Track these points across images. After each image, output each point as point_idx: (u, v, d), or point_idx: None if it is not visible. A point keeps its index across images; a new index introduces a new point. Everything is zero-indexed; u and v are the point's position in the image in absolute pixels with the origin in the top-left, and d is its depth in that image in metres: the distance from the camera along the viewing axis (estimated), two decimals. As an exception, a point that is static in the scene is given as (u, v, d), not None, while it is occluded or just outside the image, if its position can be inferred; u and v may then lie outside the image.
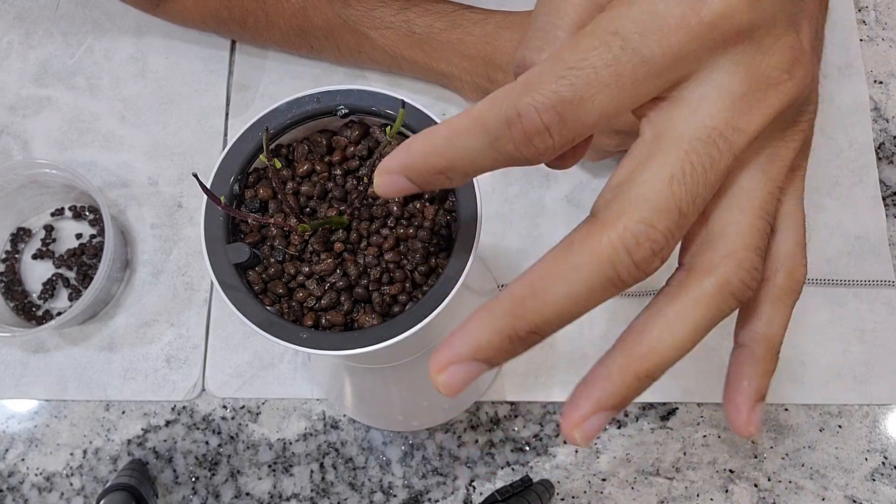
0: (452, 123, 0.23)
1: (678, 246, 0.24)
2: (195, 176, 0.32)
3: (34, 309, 0.63)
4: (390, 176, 0.25)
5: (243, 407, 0.60)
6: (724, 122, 0.23)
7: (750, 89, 0.23)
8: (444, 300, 0.33)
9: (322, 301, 0.36)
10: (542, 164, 0.25)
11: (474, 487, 0.57)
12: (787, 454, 0.57)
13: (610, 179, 0.23)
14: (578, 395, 0.24)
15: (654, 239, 0.22)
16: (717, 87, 0.23)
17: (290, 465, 0.58)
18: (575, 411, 0.23)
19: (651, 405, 0.58)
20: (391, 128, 0.33)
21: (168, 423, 0.60)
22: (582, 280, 0.22)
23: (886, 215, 0.60)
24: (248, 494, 0.58)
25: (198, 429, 0.60)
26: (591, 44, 0.22)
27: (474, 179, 0.35)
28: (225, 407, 0.60)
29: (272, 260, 0.36)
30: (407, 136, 0.38)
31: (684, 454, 0.57)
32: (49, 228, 0.64)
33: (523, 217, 0.62)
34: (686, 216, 0.22)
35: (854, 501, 0.56)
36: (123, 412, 0.60)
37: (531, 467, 0.57)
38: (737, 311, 0.26)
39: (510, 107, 0.22)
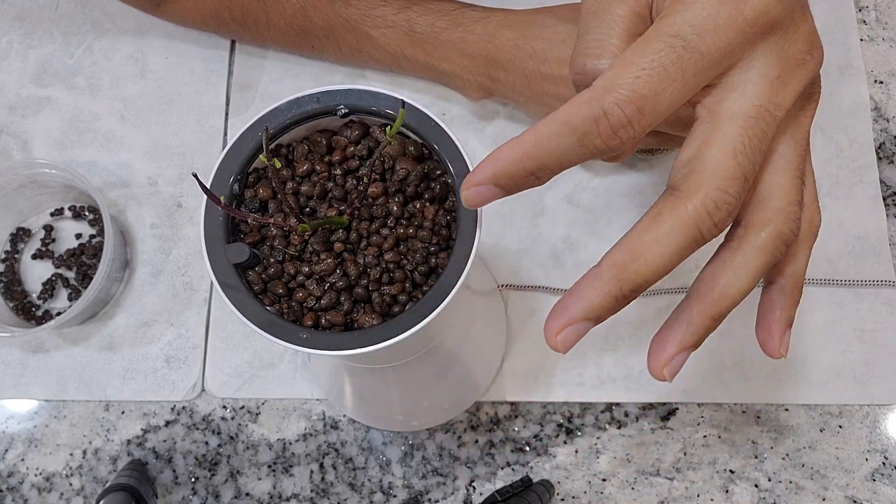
0: (538, 129, 0.27)
1: None
2: (195, 176, 0.32)
3: (34, 309, 0.63)
4: (479, 187, 0.28)
5: (243, 407, 0.60)
6: (768, 99, 0.27)
7: (783, 71, 0.28)
8: (444, 300, 0.33)
9: (322, 301, 0.36)
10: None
11: (474, 488, 0.57)
12: (787, 454, 0.57)
13: (679, 157, 0.28)
14: (663, 340, 0.28)
15: (728, 202, 0.26)
16: (758, 72, 0.28)
17: (290, 466, 0.58)
18: (662, 353, 0.28)
19: (651, 405, 0.58)
20: (391, 127, 0.33)
21: (168, 423, 0.60)
22: (673, 242, 0.27)
23: (887, 215, 0.60)
24: (247, 495, 0.58)
25: (197, 429, 0.60)
26: (658, 46, 0.26)
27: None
28: (225, 407, 0.60)
29: (272, 260, 0.36)
30: (407, 136, 0.38)
31: (684, 454, 0.57)
32: (48, 228, 0.64)
33: (523, 217, 0.62)
34: (748, 180, 0.27)
35: (854, 502, 0.56)
36: (123, 412, 0.60)
37: (531, 467, 0.57)
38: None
39: (596, 106, 0.26)
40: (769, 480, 0.56)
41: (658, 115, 0.26)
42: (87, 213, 0.64)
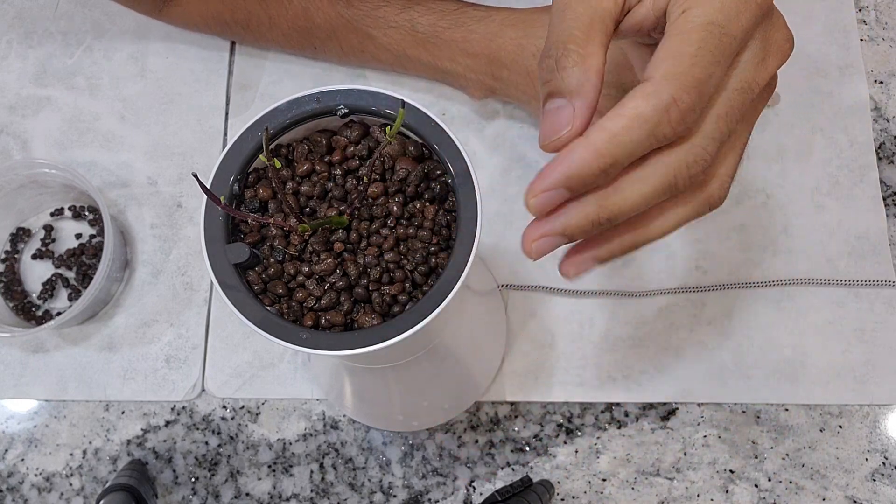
0: (608, 127, 0.28)
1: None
2: (195, 176, 0.32)
3: (34, 309, 0.63)
4: (548, 193, 0.30)
5: (243, 407, 0.60)
6: (752, 78, 0.31)
7: (767, 54, 0.31)
8: (444, 300, 0.33)
9: (322, 301, 0.36)
10: (539, 164, 0.30)
11: (474, 488, 0.57)
12: (787, 454, 0.57)
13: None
14: (542, 223, 0.31)
15: (704, 159, 0.30)
16: (752, 52, 0.31)
17: (290, 466, 0.58)
18: (534, 231, 0.31)
19: (651, 405, 0.58)
20: (391, 127, 0.33)
21: (168, 423, 0.60)
22: (652, 185, 0.29)
23: (886, 215, 0.60)
24: (247, 495, 0.58)
25: (197, 429, 0.60)
26: (700, 35, 0.29)
27: (474, 179, 0.35)
28: (225, 407, 0.60)
29: (272, 260, 0.36)
30: (407, 136, 0.38)
31: (684, 454, 0.57)
32: (49, 228, 0.64)
33: (523, 217, 0.61)
34: (721, 143, 0.30)
35: (854, 502, 0.56)
36: (123, 412, 0.60)
37: (531, 467, 0.57)
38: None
39: (665, 94, 0.28)
40: (769, 480, 0.56)
41: (708, 96, 0.29)
42: (87, 213, 0.64)
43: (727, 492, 0.56)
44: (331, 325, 0.36)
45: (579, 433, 0.58)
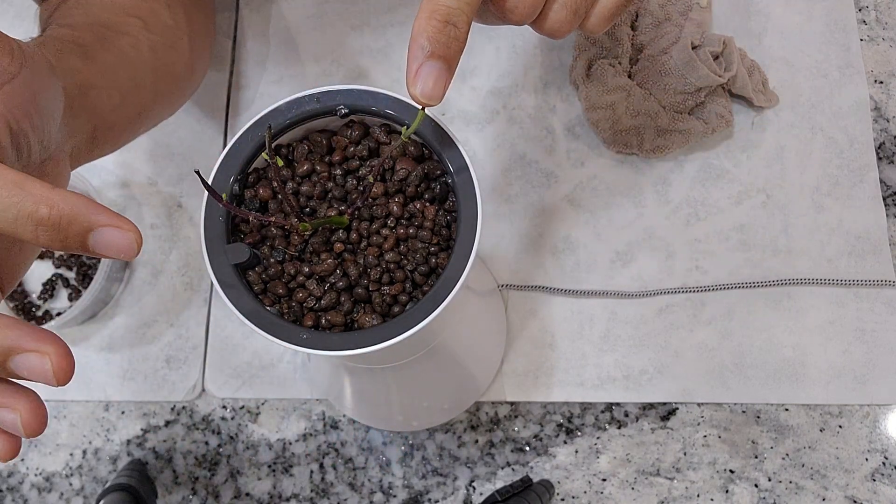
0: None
1: None
2: (197, 172, 0.32)
3: (34, 309, 0.62)
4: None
5: (243, 407, 0.60)
6: None
7: None
8: (444, 301, 0.33)
9: (322, 301, 0.36)
10: (539, 164, 0.27)
11: (474, 488, 0.57)
12: (787, 454, 0.57)
13: None
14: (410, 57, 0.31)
15: None
16: None
17: (290, 466, 0.58)
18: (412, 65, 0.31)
19: (651, 405, 0.58)
20: (407, 128, 0.33)
21: (168, 423, 0.60)
22: None
23: (887, 215, 0.60)
24: (247, 495, 0.58)
25: (197, 429, 0.60)
26: None
27: (474, 179, 0.35)
28: (224, 407, 0.60)
29: (272, 260, 0.36)
30: (408, 137, 0.38)
31: (684, 454, 0.57)
32: (48, 228, 0.64)
33: (523, 217, 0.62)
34: None
35: (854, 502, 0.56)
36: (123, 412, 0.60)
37: (531, 467, 0.57)
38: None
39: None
40: (769, 480, 0.56)
41: None
42: (86, 213, 0.64)
43: (727, 492, 0.56)
44: (331, 326, 0.36)
45: (579, 433, 0.58)
